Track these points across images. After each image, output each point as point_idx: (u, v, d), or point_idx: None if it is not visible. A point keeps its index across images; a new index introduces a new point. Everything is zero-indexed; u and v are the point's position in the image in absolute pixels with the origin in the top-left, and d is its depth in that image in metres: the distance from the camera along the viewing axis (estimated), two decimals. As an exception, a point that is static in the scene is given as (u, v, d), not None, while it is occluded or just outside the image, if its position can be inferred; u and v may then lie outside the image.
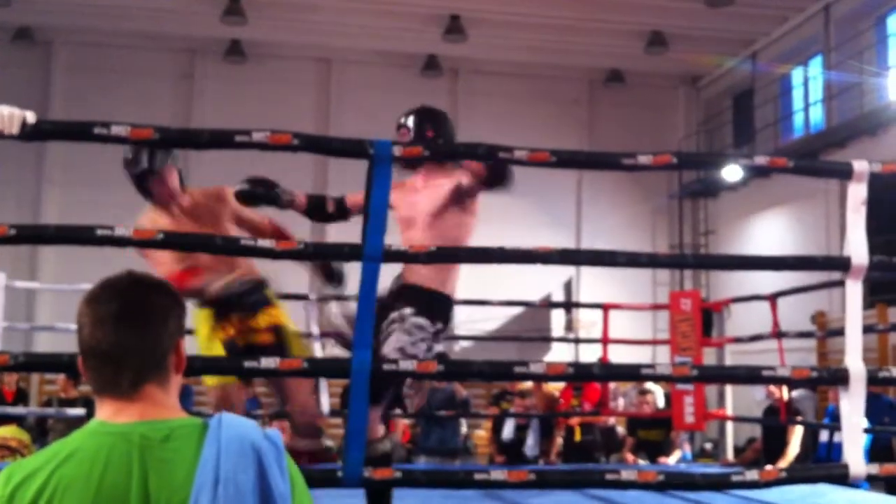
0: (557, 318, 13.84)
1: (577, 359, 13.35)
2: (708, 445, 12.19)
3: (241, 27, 13.24)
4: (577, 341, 10.99)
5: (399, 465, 2.79)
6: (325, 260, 3.42)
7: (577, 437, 7.88)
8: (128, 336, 1.49)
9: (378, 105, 14.32)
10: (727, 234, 14.82)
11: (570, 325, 13.63)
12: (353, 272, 3.08)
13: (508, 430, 7.98)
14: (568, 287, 14.12)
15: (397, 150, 2.84)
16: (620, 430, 8.62)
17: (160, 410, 1.49)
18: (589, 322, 11.85)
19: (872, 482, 3.23)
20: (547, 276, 13.23)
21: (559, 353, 13.73)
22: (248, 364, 2.61)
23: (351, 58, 14.59)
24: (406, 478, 2.48)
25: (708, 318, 8.04)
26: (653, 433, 7.80)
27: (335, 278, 3.78)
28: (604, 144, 14.66)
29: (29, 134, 2.64)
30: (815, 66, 13.73)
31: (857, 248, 2.76)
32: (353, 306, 3.27)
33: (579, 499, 4.57)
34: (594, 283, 13.51)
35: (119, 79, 13.63)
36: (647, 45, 13.87)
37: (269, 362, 2.52)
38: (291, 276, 5.54)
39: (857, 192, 2.82)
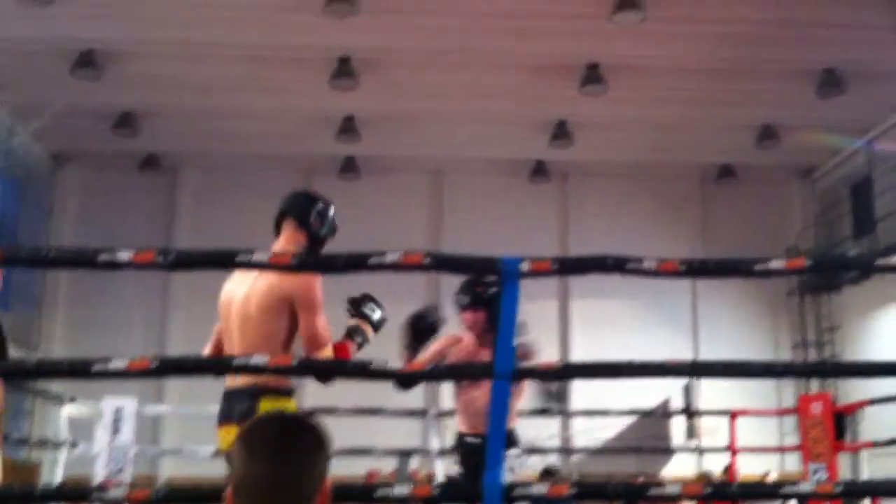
0: (678, 424, 13.42)
1: (701, 466, 12.89)
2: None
3: (354, 144, 13.67)
4: (701, 451, 10.59)
5: None
6: (456, 379, 3.41)
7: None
8: (281, 473, 1.52)
9: (489, 212, 14.51)
10: (852, 329, 14.22)
11: (691, 432, 13.17)
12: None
13: None
14: (687, 390, 13.72)
15: (525, 266, 2.84)
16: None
17: None
18: (711, 427, 11.44)
19: None
20: (665, 380, 12.92)
21: (681, 461, 13.28)
22: (381, 493, 2.60)
23: (461, 168, 14.84)
24: None
25: (840, 421, 7.67)
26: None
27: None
28: (718, 241, 14.43)
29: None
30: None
31: None
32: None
33: None
34: (714, 386, 13.10)
35: (242, 202, 14.03)
36: (759, 138, 13.71)
37: (401, 489, 2.51)
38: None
39: None
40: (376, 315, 3.45)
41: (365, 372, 2.81)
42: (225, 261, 2.98)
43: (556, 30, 10.75)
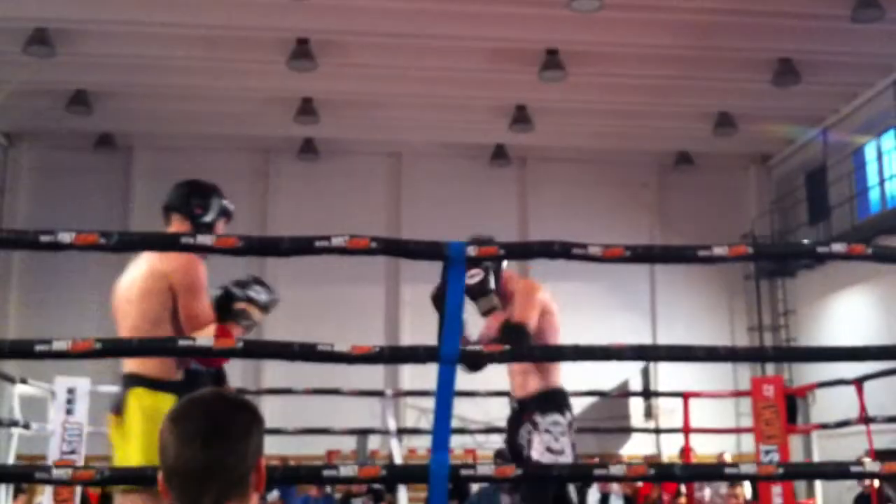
0: (636, 405, 13.58)
1: (659, 447, 13.06)
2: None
3: (313, 126, 13.60)
4: (657, 431, 10.74)
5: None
6: (400, 363, 3.40)
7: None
8: (213, 455, 1.51)
9: (449, 196, 14.52)
10: (807, 313, 14.47)
11: (649, 413, 13.34)
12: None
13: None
14: (646, 373, 13.88)
15: (472, 251, 2.85)
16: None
17: None
18: (669, 409, 11.60)
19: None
20: (624, 363, 13.05)
21: (639, 441, 13.44)
22: (327, 473, 2.60)
23: (420, 151, 14.83)
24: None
25: (792, 404, 7.82)
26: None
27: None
28: (674, 227, 14.57)
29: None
30: (889, 139, 13.52)
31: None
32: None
33: None
34: (673, 369, 13.26)
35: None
36: (716, 126, 13.84)
37: (347, 470, 2.52)
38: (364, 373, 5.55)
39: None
40: (262, 297, 3.38)
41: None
42: (169, 243, 2.97)
43: (515, 15, 10.76)
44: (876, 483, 7.31)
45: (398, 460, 6.32)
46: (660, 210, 15.29)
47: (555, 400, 3.92)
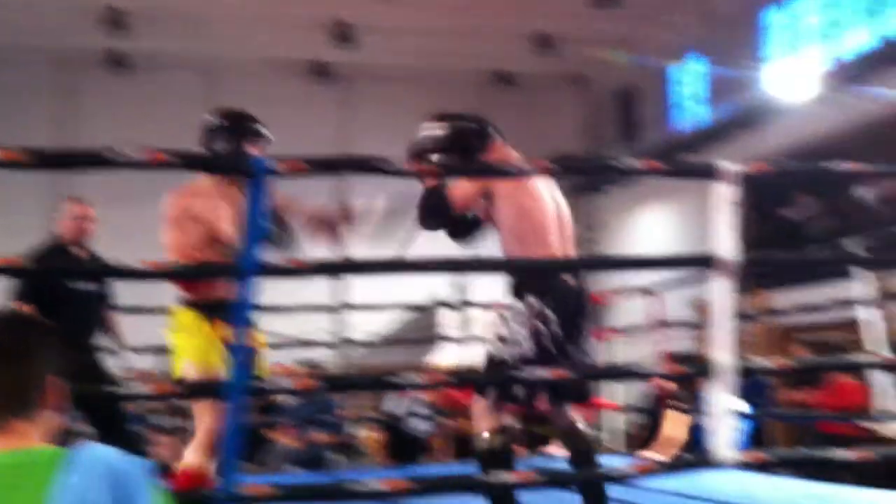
0: (448, 316, 13.91)
1: (470, 357, 13.47)
2: (603, 435, 12.46)
3: (125, 40, 12.96)
4: (469, 340, 11.06)
5: (273, 480, 2.78)
6: (198, 279, 3.35)
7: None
8: None
9: (268, 114, 14.02)
10: (618, 227, 15.22)
11: (462, 325, 13.71)
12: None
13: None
14: (458, 286, 14.23)
15: (276, 166, 2.85)
16: (517, 425, 8.73)
17: (23, 442, 1.50)
18: (481, 320, 11.97)
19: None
20: (440, 276, 13.33)
21: (451, 351, 13.85)
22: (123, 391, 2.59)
23: (238, 67, 14.41)
24: (281, 492, 2.49)
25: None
26: (548, 428, 7.95)
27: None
28: (495, 145, 14.86)
29: None
30: (697, 62, 14.18)
31: (723, 245, 2.88)
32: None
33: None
34: (490, 283, 13.62)
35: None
36: (534, 46, 14.10)
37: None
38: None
39: (724, 192, 2.94)
40: None
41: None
42: None
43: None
44: (667, 384, 7.86)
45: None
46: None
47: (521, 283, 3.59)
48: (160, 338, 3.75)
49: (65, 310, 4.49)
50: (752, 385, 9.02)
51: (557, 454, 7.54)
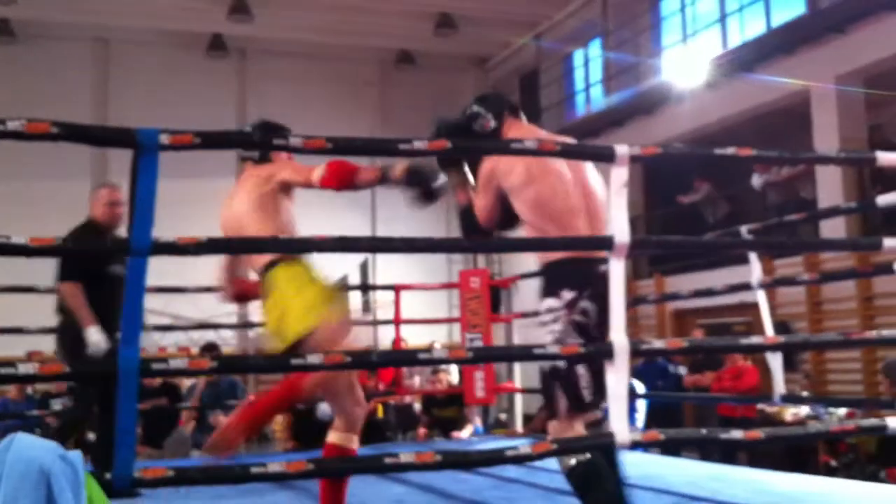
0: (354, 299, 13.86)
1: (376, 339, 13.44)
2: (503, 416, 12.59)
3: (8, 6, 12.42)
4: (372, 323, 11.05)
5: (172, 464, 2.70)
6: (103, 254, 3.20)
7: (380, 414, 7.97)
8: None
9: (162, 86, 13.84)
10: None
11: (366, 307, 13.67)
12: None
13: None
14: (364, 268, 14.16)
15: (165, 139, 2.74)
16: (417, 406, 8.76)
17: None
18: (386, 302, 11.95)
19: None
20: (343, 258, 13.24)
21: (358, 335, 13.78)
22: (3, 371, 2.45)
23: (130, 38, 13.98)
24: (179, 476, 2.41)
25: (496, 294, 8.27)
26: (446, 410, 7.99)
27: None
28: (396, 126, 14.75)
29: None
30: (595, 47, 14.37)
31: (619, 228, 2.89)
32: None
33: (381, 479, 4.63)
34: (390, 264, 13.61)
35: None
36: (437, 26, 14.06)
37: (27, 368, 2.39)
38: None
39: (620, 175, 2.95)
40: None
41: None
42: None
43: None
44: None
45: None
46: (382, 108, 15.42)
47: (550, 278, 3.25)
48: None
49: (102, 291, 4.60)
50: (655, 368, 9.24)
51: (464, 438, 7.59)
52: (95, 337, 4.57)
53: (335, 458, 3.20)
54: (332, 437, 3.35)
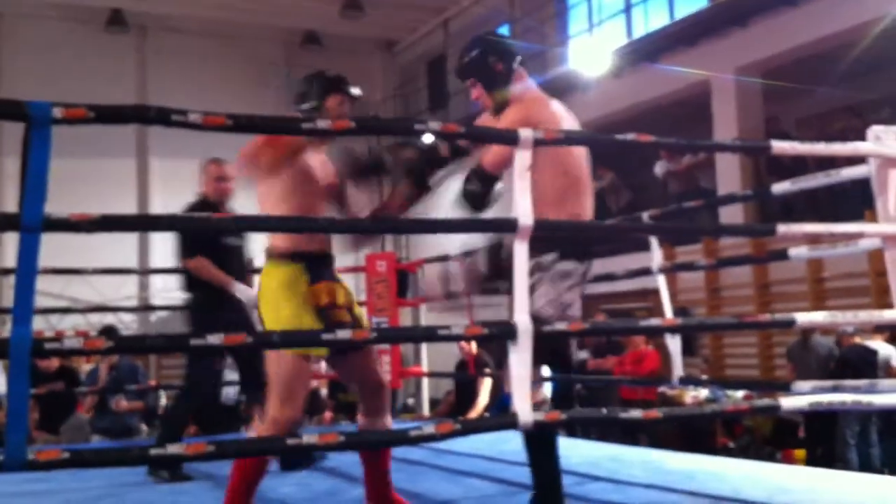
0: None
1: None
2: (411, 401, 12.63)
3: None
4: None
5: (67, 447, 2.62)
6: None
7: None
8: None
9: (58, 64, 13.38)
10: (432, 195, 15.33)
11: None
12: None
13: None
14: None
15: (58, 112, 2.64)
16: (324, 392, 8.70)
17: None
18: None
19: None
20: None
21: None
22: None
23: (23, 11, 13.47)
24: (75, 458, 2.34)
25: (403, 278, 8.27)
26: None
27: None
28: (302, 108, 14.63)
29: None
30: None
31: (523, 210, 2.90)
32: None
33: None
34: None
35: None
36: (343, 7, 13.93)
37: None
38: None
39: (523, 159, 2.96)
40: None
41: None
42: None
43: None
44: (475, 350, 8.00)
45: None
46: (290, 89, 15.24)
47: (570, 241, 3.24)
48: None
49: (220, 261, 4.80)
50: (553, 352, 9.36)
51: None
52: (243, 290, 4.76)
53: (235, 442, 3.15)
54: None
